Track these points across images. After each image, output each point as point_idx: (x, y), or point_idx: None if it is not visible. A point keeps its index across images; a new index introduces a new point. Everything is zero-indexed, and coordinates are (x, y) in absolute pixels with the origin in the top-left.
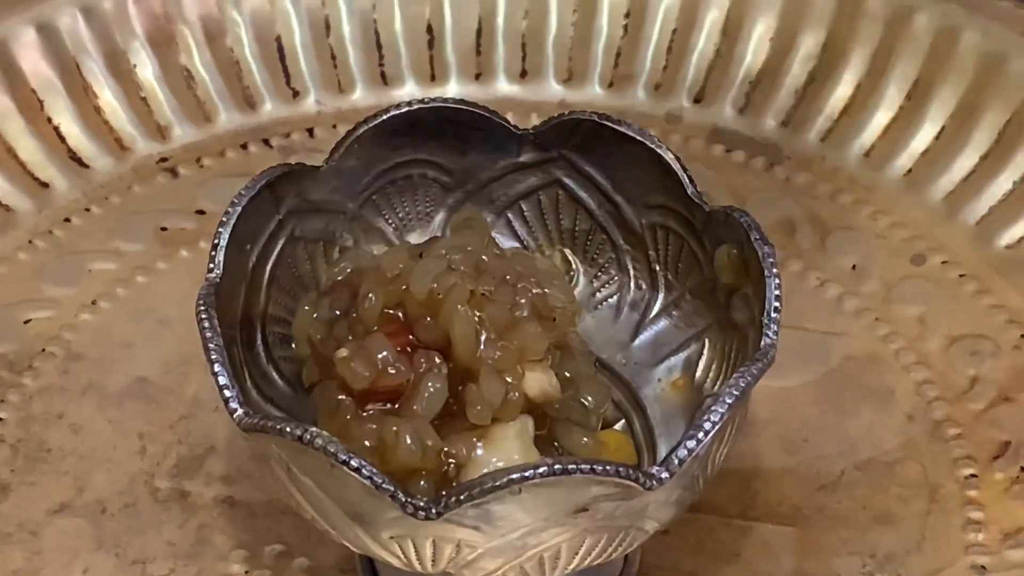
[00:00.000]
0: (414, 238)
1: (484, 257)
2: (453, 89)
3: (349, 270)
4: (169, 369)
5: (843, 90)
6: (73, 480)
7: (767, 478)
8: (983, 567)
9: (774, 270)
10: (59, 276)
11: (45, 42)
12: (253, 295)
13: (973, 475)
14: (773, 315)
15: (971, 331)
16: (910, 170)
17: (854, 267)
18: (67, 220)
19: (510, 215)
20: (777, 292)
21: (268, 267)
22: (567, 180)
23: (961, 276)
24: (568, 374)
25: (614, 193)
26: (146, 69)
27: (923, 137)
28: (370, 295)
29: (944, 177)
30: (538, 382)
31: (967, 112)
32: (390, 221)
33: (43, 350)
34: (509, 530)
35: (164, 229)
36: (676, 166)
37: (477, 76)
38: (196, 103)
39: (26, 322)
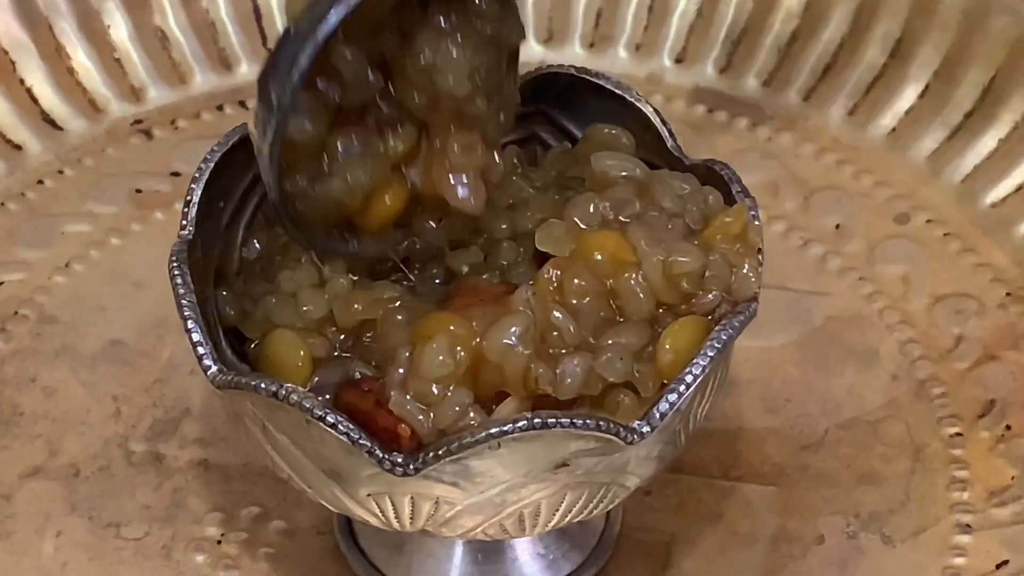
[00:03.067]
0: None
1: None
2: None
3: None
4: (143, 332)
5: (825, 49)
6: (46, 443)
7: (749, 438)
8: (968, 525)
9: (756, 222)
10: (32, 239)
11: (17, 2)
12: (227, 255)
13: (958, 434)
14: (759, 268)
15: (956, 290)
16: (894, 129)
17: (837, 227)
18: (40, 182)
19: None
20: (760, 244)
21: (241, 226)
22: (544, 135)
23: (945, 235)
24: None
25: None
26: (120, 30)
27: (907, 96)
28: None
29: (928, 136)
30: None
31: (950, 70)
32: None
33: (15, 313)
34: (488, 486)
35: (139, 191)
36: (656, 120)
37: None
38: (171, 64)
39: None
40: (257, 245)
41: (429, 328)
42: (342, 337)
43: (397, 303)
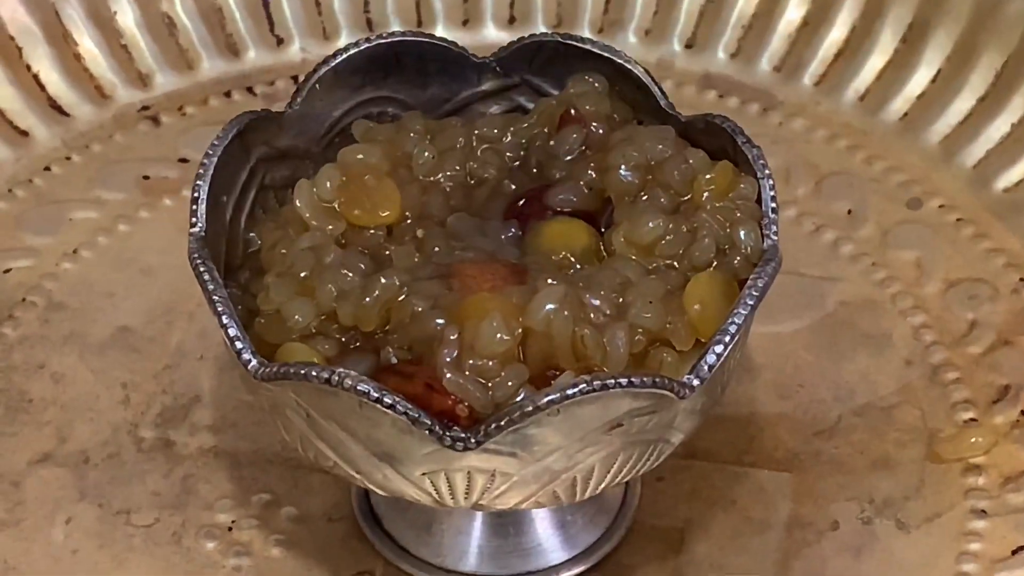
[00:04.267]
0: None
1: None
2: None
3: None
4: (152, 318)
5: (837, 34)
6: (55, 430)
7: (762, 424)
8: (983, 511)
9: (766, 171)
10: (39, 225)
11: None
12: (232, 248)
13: (973, 419)
14: (772, 215)
15: (969, 275)
16: (906, 114)
17: (849, 212)
18: (47, 169)
19: None
20: (772, 193)
21: (243, 218)
22: (530, 105)
23: (958, 220)
24: None
25: None
26: (127, 16)
27: (919, 80)
28: None
29: (940, 120)
30: None
31: (963, 54)
32: None
33: (24, 300)
34: (544, 454)
35: (146, 178)
36: (647, 79)
37: (465, 22)
38: (178, 51)
39: (6, 271)
40: (256, 238)
41: (476, 308)
42: (347, 332)
43: (406, 292)
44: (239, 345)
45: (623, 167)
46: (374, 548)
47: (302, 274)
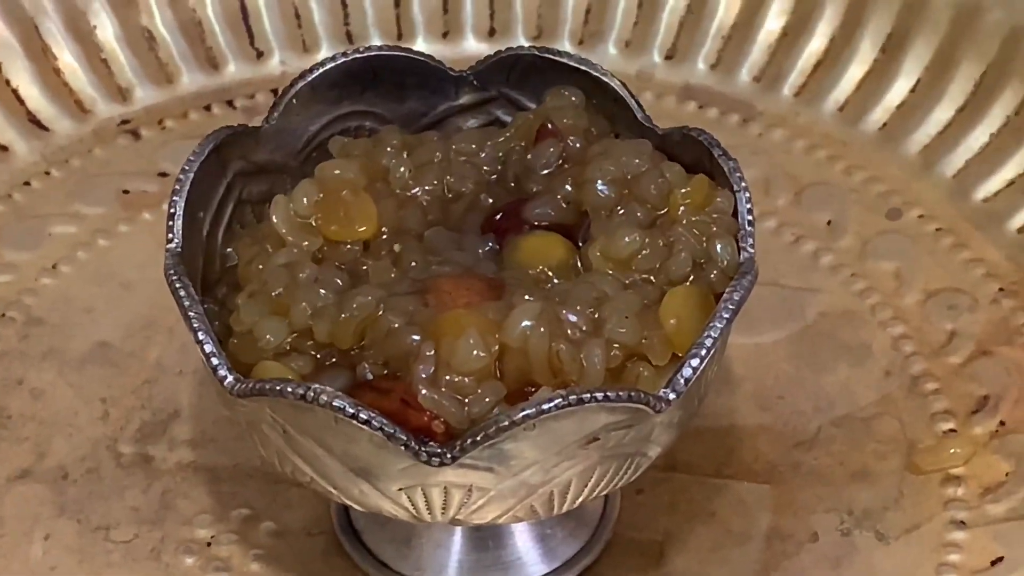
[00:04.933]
0: None
1: None
2: (420, 48)
3: None
4: (131, 333)
5: (816, 44)
6: (34, 446)
7: (742, 435)
8: (962, 522)
9: (743, 183)
10: (18, 240)
11: (2, 2)
12: (210, 263)
13: (952, 430)
14: (748, 228)
15: (948, 285)
16: (885, 124)
17: (829, 223)
18: (27, 183)
19: None
20: (749, 206)
21: (220, 233)
22: (507, 119)
23: (938, 230)
24: None
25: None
26: (106, 30)
27: (898, 90)
28: None
29: (920, 131)
30: None
31: (942, 65)
32: None
33: (2, 315)
34: (521, 468)
35: (126, 192)
36: (623, 92)
37: (445, 35)
38: (158, 64)
39: None
40: (234, 254)
41: (452, 324)
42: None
43: (382, 308)
44: (215, 361)
45: (600, 181)
46: (354, 562)
47: (276, 292)
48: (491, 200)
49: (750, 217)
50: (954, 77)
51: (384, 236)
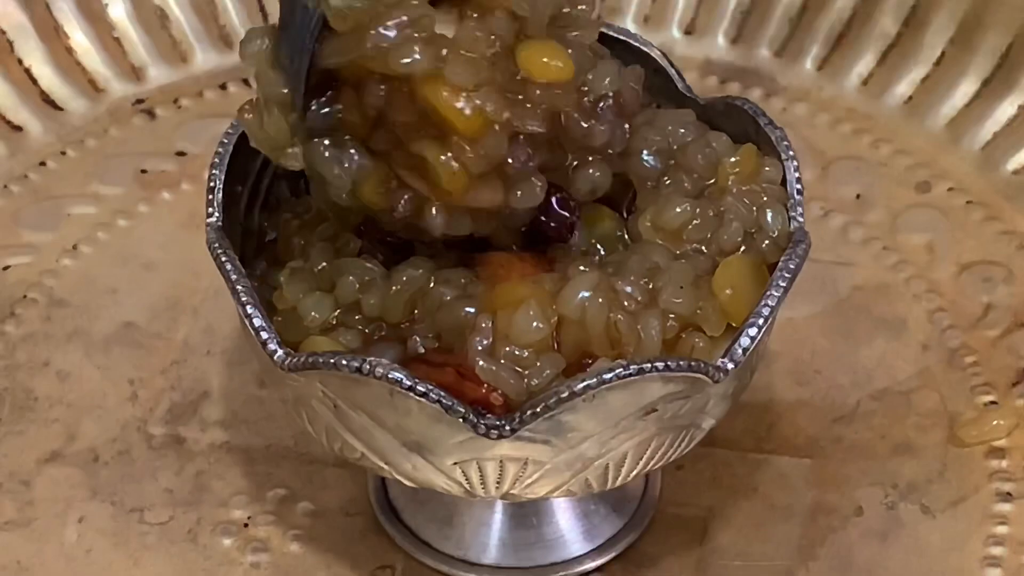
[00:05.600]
0: None
1: None
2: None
3: None
4: (157, 314)
5: (837, 17)
6: (63, 428)
7: (780, 410)
8: (1008, 494)
9: (790, 152)
10: (37, 221)
11: None
12: (247, 238)
13: (993, 402)
14: (798, 197)
15: (982, 258)
16: (910, 97)
17: (858, 196)
18: (42, 164)
19: None
20: (797, 175)
21: (257, 209)
22: None
23: (968, 203)
24: None
25: None
26: (118, 8)
27: (923, 63)
28: None
29: (946, 103)
30: None
31: (966, 36)
32: None
33: (24, 297)
34: (578, 440)
35: (144, 172)
36: (663, 62)
37: None
38: (171, 43)
39: (5, 268)
40: (272, 230)
41: (509, 296)
42: (371, 323)
43: (433, 281)
44: (264, 336)
45: (645, 151)
46: (394, 542)
47: (319, 267)
48: None
49: (799, 186)
50: (979, 49)
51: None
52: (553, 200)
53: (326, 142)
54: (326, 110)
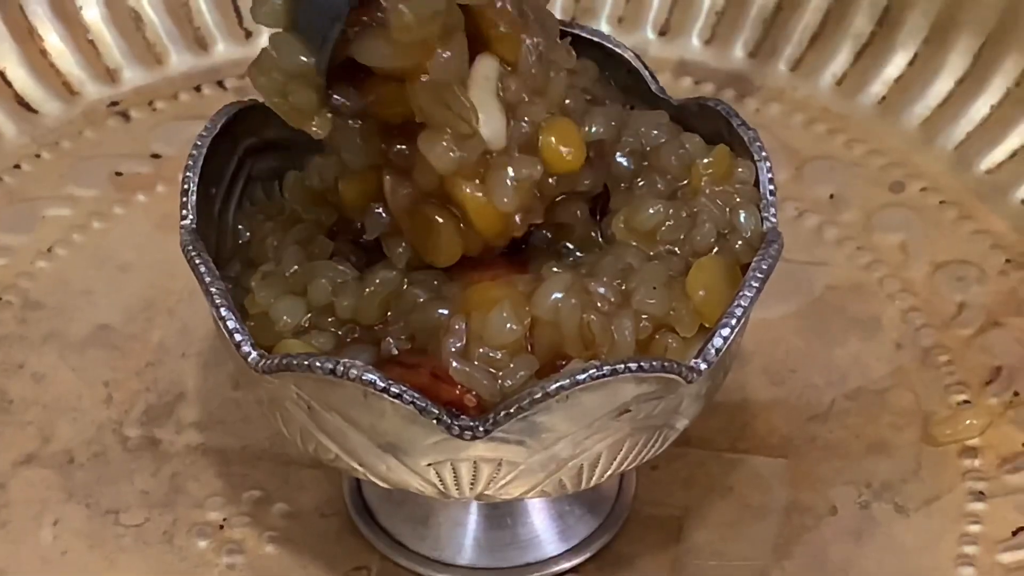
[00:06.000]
0: None
1: None
2: None
3: None
4: (132, 316)
5: (811, 18)
6: (38, 430)
7: (755, 410)
8: (982, 493)
9: (763, 153)
10: (12, 223)
11: None
12: (222, 241)
13: (966, 401)
14: (770, 198)
15: (955, 257)
16: (884, 97)
17: (832, 196)
18: (17, 167)
19: None
20: (770, 175)
21: (231, 211)
22: None
23: (942, 202)
24: None
25: None
26: (92, 10)
27: (896, 63)
28: None
29: (919, 103)
30: None
31: (940, 36)
32: None
33: (0, 299)
34: (552, 441)
35: (119, 174)
36: (637, 63)
37: None
38: (146, 45)
39: None
40: (246, 232)
41: (482, 297)
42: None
43: (407, 282)
44: (238, 337)
45: (618, 153)
46: (369, 543)
47: (290, 270)
48: None
49: (771, 187)
50: (952, 49)
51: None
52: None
53: (355, 124)
54: (354, 100)
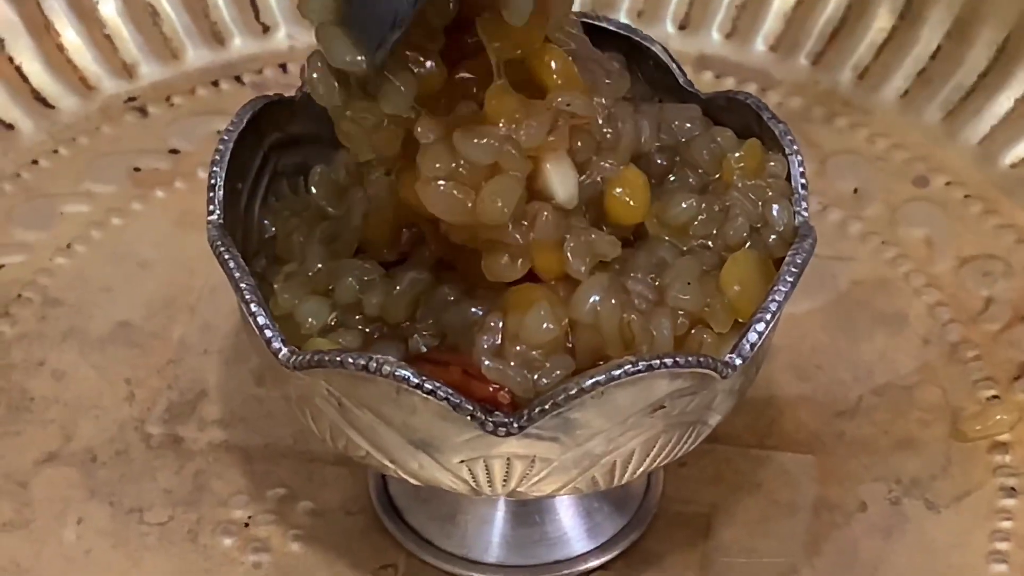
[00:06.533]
0: None
1: None
2: None
3: None
4: (152, 312)
5: (833, 11)
6: (60, 428)
7: (782, 406)
8: (1013, 488)
9: (795, 147)
10: (30, 220)
11: None
12: (247, 237)
13: (995, 396)
14: (802, 192)
15: (981, 252)
16: (907, 91)
17: (856, 191)
18: (35, 162)
19: None
20: (802, 169)
21: (256, 207)
22: None
23: (966, 197)
24: None
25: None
26: (109, 5)
27: (918, 57)
28: None
29: (942, 97)
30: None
31: (963, 29)
32: None
33: (19, 296)
34: (586, 438)
35: (137, 170)
36: (665, 56)
37: None
38: (163, 40)
39: None
40: (272, 227)
41: (521, 297)
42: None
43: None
44: (269, 334)
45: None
46: (396, 541)
47: (313, 270)
48: None
49: (803, 180)
50: (975, 42)
51: None
52: None
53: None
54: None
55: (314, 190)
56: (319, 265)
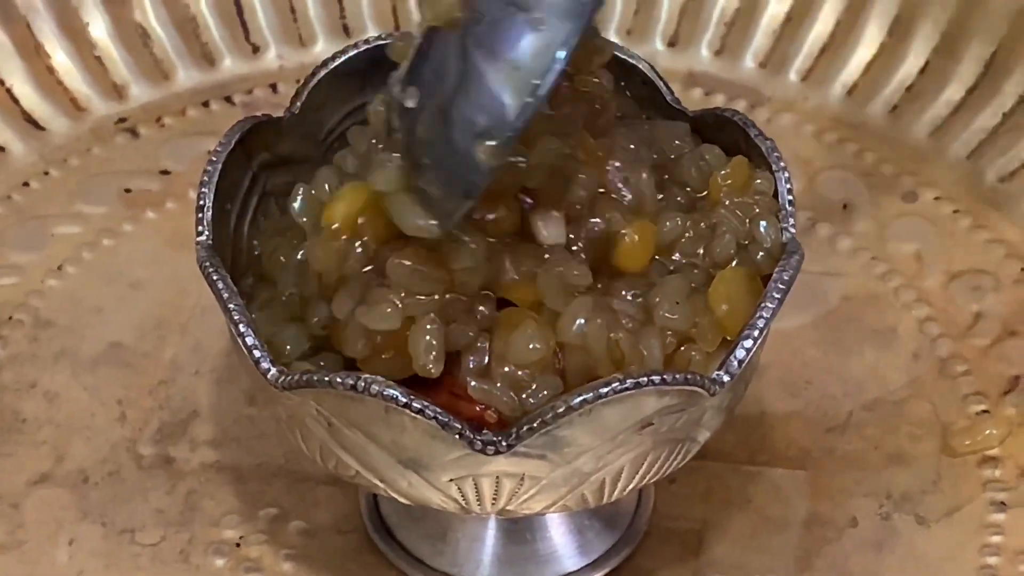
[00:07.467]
0: None
1: None
2: None
3: None
4: (144, 333)
5: (822, 28)
6: (52, 449)
7: (772, 422)
8: (1003, 503)
9: (781, 164)
10: (21, 241)
11: None
12: (236, 257)
13: (985, 411)
14: (789, 208)
15: (970, 266)
16: (895, 107)
17: (845, 206)
18: (25, 184)
19: None
20: (789, 186)
21: (246, 227)
22: None
23: (955, 211)
24: None
25: None
26: (99, 27)
27: (907, 72)
28: None
29: (930, 112)
30: None
31: (950, 45)
32: None
33: (10, 318)
34: (575, 456)
35: (128, 191)
36: (652, 74)
37: None
38: (153, 61)
39: None
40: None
41: (509, 318)
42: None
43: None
44: (257, 354)
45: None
46: (387, 560)
47: (285, 295)
48: None
49: (790, 197)
50: (963, 58)
51: None
52: None
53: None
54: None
55: (295, 208)
56: (292, 291)
